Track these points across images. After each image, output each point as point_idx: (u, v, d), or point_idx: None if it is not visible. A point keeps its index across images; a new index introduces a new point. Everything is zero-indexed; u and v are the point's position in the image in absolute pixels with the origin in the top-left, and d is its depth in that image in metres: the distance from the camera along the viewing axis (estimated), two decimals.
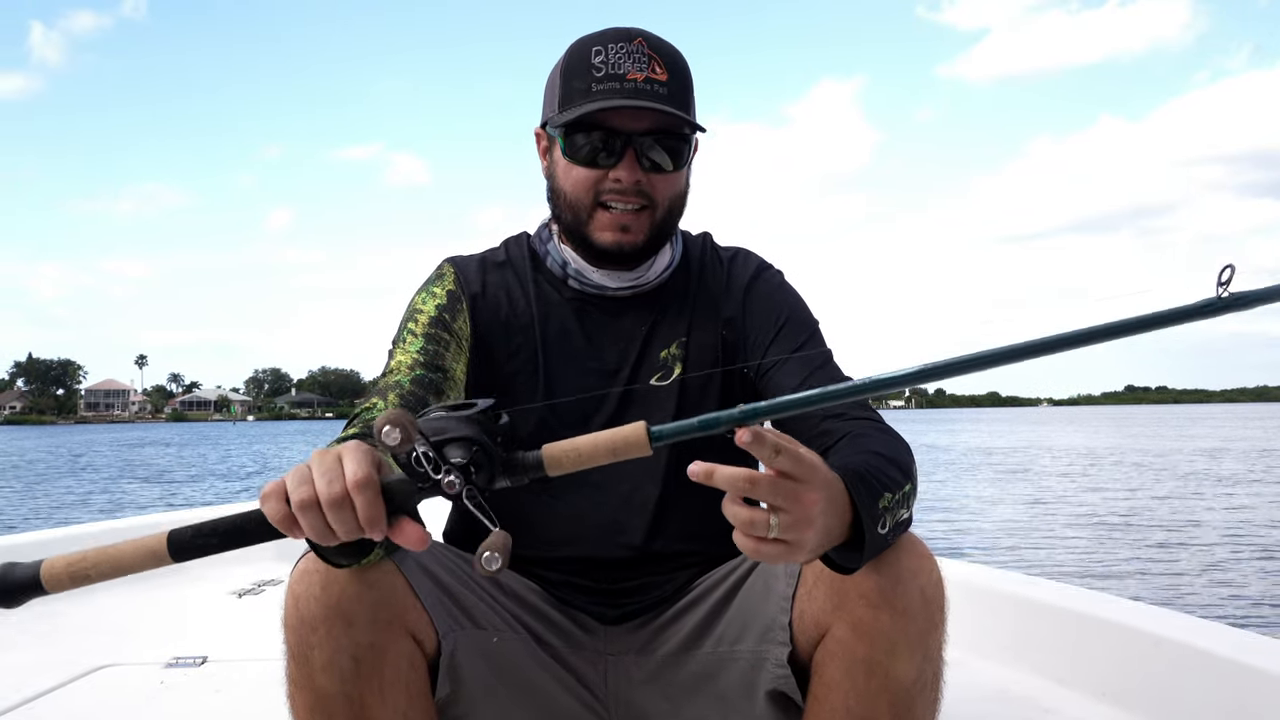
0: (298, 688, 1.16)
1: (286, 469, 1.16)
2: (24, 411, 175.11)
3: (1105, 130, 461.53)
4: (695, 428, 0.91)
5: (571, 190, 1.38)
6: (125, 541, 0.99)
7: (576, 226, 1.40)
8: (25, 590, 0.98)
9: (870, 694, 1.15)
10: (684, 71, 1.37)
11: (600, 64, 1.32)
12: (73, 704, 2.19)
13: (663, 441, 0.93)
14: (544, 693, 1.35)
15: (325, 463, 0.92)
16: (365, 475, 0.90)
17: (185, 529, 0.98)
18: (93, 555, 0.97)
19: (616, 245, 1.38)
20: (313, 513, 0.91)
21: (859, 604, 1.14)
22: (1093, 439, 44.16)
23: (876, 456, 1.13)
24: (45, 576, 0.97)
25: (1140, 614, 2.13)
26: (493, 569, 0.90)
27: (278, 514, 0.92)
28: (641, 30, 1.36)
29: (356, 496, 0.90)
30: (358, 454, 0.92)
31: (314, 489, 0.90)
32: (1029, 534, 12.21)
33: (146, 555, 0.97)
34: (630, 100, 1.30)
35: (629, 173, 1.34)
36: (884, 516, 1.06)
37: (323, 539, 0.93)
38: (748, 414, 0.90)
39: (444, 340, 1.38)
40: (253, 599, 3.24)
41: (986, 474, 23.40)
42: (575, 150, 1.36)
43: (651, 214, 1.38)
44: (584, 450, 0.94)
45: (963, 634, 2.38)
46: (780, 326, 1.44)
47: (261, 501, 0.93)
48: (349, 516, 0.90)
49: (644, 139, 1.34)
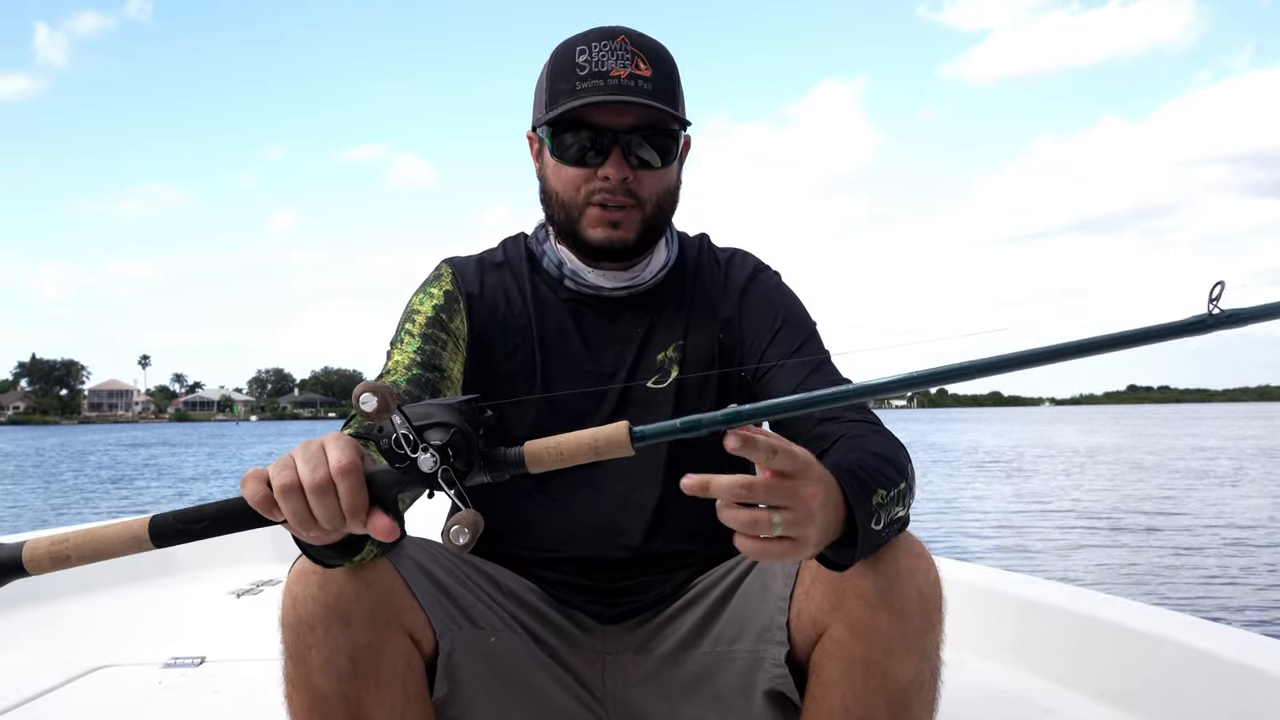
0: (295, 688, 1.16)
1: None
2: (28, 411, 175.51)
3: (1107, 130, 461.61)
4: (678, 429, 0.91)
5: (562, 190, 1.38)
6: (107, 524, 0.98)
7: (569, 225, 1.40)
8: (6, 571, 0.97)
9: (868, 694, 1.15)
10: (669, 67, 1.37)
11: (584, 63, 1.33)
12: (71, 704, 2.20)
13: (645, 442, 0.93)
14: (542, 692, 1.35)
15: (309, 450, 0.92)
16: (349, 462, 0.90)
17: (167, 514, 0.97)
18: (74, 537, 0.97)
19: (608, 242, 1.38)
20: (295, 496, 0.90)
21: (856, 604, 1.14)
22: (1093, 438, 44.14)
23: (871, 455, 1.14)
24: (27, 558, 0.97)
25: (1141, 615, 2.13)
26: (460, 543, 0.90)
27: (257, 495, 0.91)
28: (625, 28, 1.36)
29: (340, 483, 0.89)
30: (341, 442, 0.92)
31: (297, 473, 0.90)
32: (1031, 533, 12.21)
33: (128, 539, 0.96)
34: (613, 96, 1.30)
35: (617, 170, 1.34)
36: (878, 512, 1.06)
37: (304, 526, 0.92)
38: (732, 417, 0.90)
39: (441, 340, 1.39)
40: (250, 599, 3.24)
41: (988, 473, 23.39)
42: (563, 150, 1.36)
43: (642, 210, 1.38)
44: (565, 448, 0.94)
45: (964, 634, 2.38)
46: (777, 328, 1.43)
47: (242, 485, 0.93)
48: (331, 502, 0.90)
49: (630, 136, 1.34)
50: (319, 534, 0.93)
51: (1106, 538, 11.87)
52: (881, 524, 1.07)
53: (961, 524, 13.19)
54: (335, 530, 0.92)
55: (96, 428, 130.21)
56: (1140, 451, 31.66)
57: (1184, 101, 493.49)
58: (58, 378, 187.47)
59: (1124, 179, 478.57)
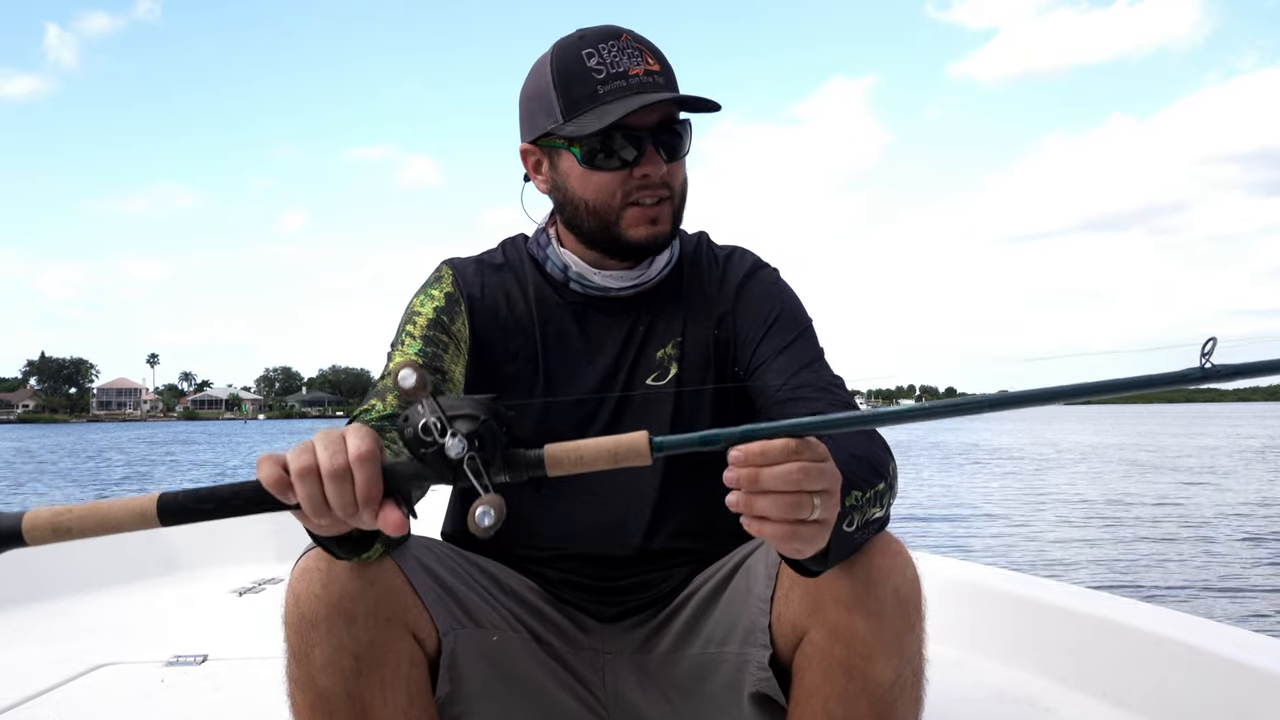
0: (298, 686, 1.17)
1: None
2: (37, 410, 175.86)
3: (1116, 129, 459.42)
4: (695, 442, 0.92)
5: (595, 197, 1.36)
6: (114, 499, 0.95)
7: (603, 230, 1.38)
8: (4, 540, 0.94)
9: (850, 696, 1.15)
10: (666, 59, 1.38)
11: (597, 66, 1.32)
12: (73, 703, 2.19)
13: (663, 452, 0.93)
14: (543, 692, 1.35)
15: (329, 436, 0.92)
16: (368, 449, 0.90)
17: (177, 493, 0.94)
18: (78, 509, 0.93)
19: (651, 239, 1.37)
20: (311, 480, 0.89)
21: (833, 607, 1.14)
22: (1098, 437, 43.96)
23: (848, 456, 1.10)
24: (26, 527, 0.93)
25: (1141, 613, 2.13)
26: (486, 524, 0.88)
27: (272, 476, 0.90)
28: (622, 27, 1.36)
29: (357, 470, 0.89)
30: (362, 432, 0.92)
31: (315, 457, 0.90)
32: (1030, 533, 12.18)
33: (134, 515, 0.93)
34: (650, 95, 1.30)
35: (655, 168, 1.34)
36: (852, 514, 1.04)
37: (317, 512, 0.91)
38: (749, 433, 0.91)
39: (442, 342, 1.39)
40: (253, 597, 3.24)
41: (991, 471, 23.34)
42: (597, 155, 1.34)
43: (673, 202, 1.39)
44: (586, 454, 0.94)
45: (963, 633, 2.39)
46: (770, 324, 1.43)
47: (258, 466, 0.92)
48: (347, 489, 0.89)
49: (659, 131, 1.34)
50: (330, 522, 0.92)
51: (1107, 536, 11.84)
52: (855, 526, 1.06)
53: (962, 523, 13.17)
54: (347, 518, 0.91)
55: (106, 426, 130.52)
56: (1143, 450, 31.54)
57: (1193, 100, 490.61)
58: (67, 376, 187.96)
59: (1132, 178, 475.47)
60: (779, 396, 1.34)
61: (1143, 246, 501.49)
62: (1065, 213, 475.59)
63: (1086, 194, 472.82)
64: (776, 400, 1.34)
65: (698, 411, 1.43)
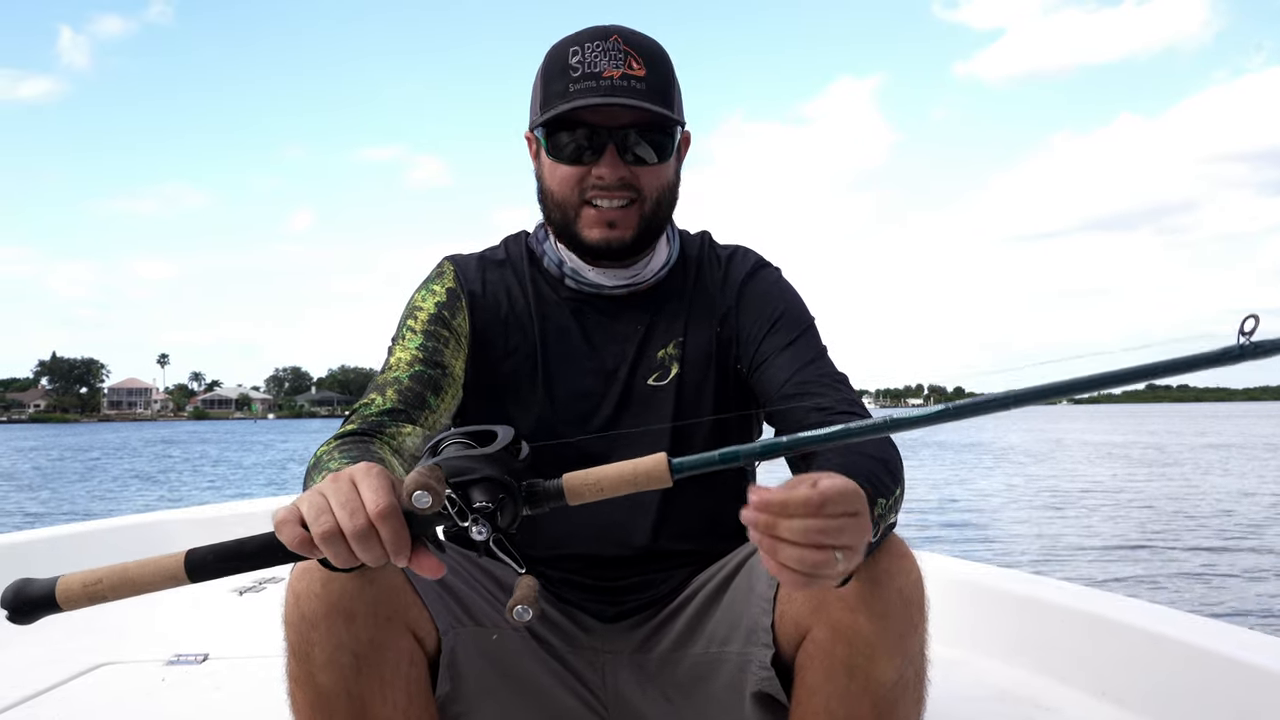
0: (298, 685, 1.17)
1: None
2: (48, 409, 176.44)
3: (1124, 128, 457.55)
4: (715, 460, 0.92)
5: (557, 189, 1.39)
6: (142, 560, 0.97)
7: (565, 225, 1.40)
8: (40, 608, 0.99)
9: (852, 696, 1.15)
10: (663, 65, 1.37)
11: (577, 64, 1.33)
12: (73, 702, 2.18)
13: (683, 474, 0.93)
14: (543, 691, 1.36)
15: (342, 491, 0.92)
16: (387, 504, 0.91)
17: (203, 550, 0.97)
18: (109, 576, 0.97)
19: (604, 242, 1.38)
20: (338, 544, 0.91)
21: (837, 606, 1.14)
22: (1109, 436, 43.77)
23: (869, 458, 1.12)
24: (60, 595, 0.97)
25: (1142, 613, 2.12)
26: (525, 619, 0.93)
27: (295, 539, 0.92)
28: (619, 27, 1.37)
29: (381, 527, 0.90)
30: (373, 480, 0.92)
31: (335, 520, 0.91)
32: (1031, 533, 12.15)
33: (164, 575, 0.97)
34: (605, 98, 1.31)
35: (611, 169, 1.35)
36: (877, 524, 1.04)
37: (346, 565, 0.94)
38: (769, 449, 0.92)
39: (443, 337, 1.40)
40: (254, 596, 3.22)
41: (990, 470, 23.26)
42: (558, 149, 1.37)
43: (640, 207, 1.38)
44: (605, 482, 0.94)
45: (964, 632, 2.38)
46: (773, 323, 1.43)
47: (277, 529, 0.94)
48: (375, 545, 0.91)
49: (625, 134, 1.34)
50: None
51: (1108, 532, 11.80)
52: (877, 535, 1.06)
53: (963, 524, 13.13)
54: (377, 565, 0.94)
55: (117, 425, 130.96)
56: (1152, 450, 31.39)
57: (1201, 99, 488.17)
58: (78, 376, 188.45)
59: (1141, 177, 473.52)
60: (785, 391, 1.35)
61: (1151, 246, 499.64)
62: (1073, 212, 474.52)
63: (1094, 193, 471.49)
64: (782, 395, 1.35)
65: (699, 410, 1.43)
